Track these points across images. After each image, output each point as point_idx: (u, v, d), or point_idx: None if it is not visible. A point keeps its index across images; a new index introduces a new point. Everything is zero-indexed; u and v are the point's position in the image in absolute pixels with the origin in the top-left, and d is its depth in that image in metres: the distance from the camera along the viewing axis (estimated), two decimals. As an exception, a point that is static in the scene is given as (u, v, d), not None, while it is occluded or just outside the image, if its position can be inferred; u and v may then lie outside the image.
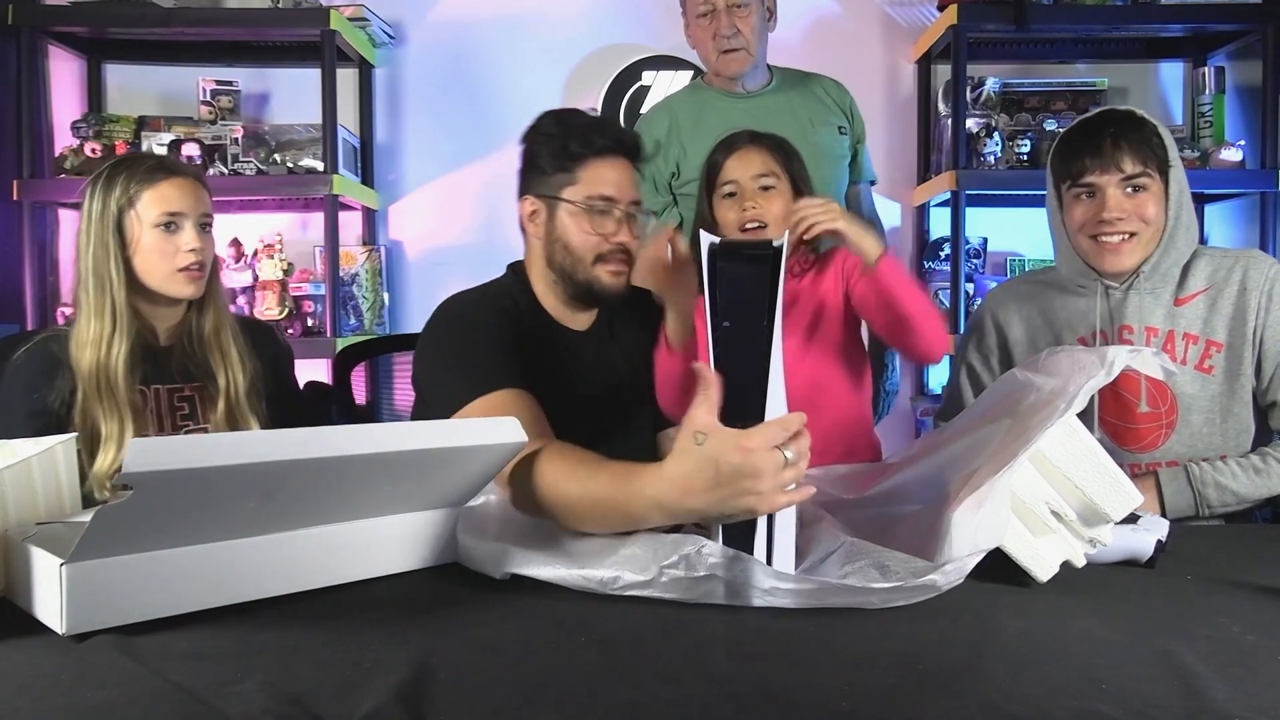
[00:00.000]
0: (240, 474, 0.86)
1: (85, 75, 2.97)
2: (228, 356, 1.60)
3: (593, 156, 1.41)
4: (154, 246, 1.52)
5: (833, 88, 2.24)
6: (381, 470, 0.97)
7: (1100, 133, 1.47)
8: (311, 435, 0.90)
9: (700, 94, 2.22)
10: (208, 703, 0.72)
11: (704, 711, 0.72)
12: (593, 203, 1.40)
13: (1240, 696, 0.73)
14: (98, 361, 1.48)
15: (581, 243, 1.41)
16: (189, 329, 1.60)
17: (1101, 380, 1.05)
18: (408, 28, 3.04)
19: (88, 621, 0.86)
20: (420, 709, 0.71)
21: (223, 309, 1.63)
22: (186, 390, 1.58)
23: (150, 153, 2.22)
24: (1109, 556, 1.09)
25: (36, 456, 1.03)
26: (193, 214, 1.55)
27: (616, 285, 1.43)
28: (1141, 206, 1.46)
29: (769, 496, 0.94)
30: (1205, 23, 2.83)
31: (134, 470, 0.79)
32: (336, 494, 0.97)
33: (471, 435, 1.02)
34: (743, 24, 2.09)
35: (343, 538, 1.01)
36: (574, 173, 1.41)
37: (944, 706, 0.72)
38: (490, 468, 1.08)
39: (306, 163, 2.77)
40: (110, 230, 1.51)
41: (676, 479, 0.96)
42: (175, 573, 0.90)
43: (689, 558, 0.95)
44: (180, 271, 1.53)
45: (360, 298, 2.91)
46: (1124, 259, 1.49)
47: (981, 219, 2.98)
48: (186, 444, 0.84)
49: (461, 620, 0.92)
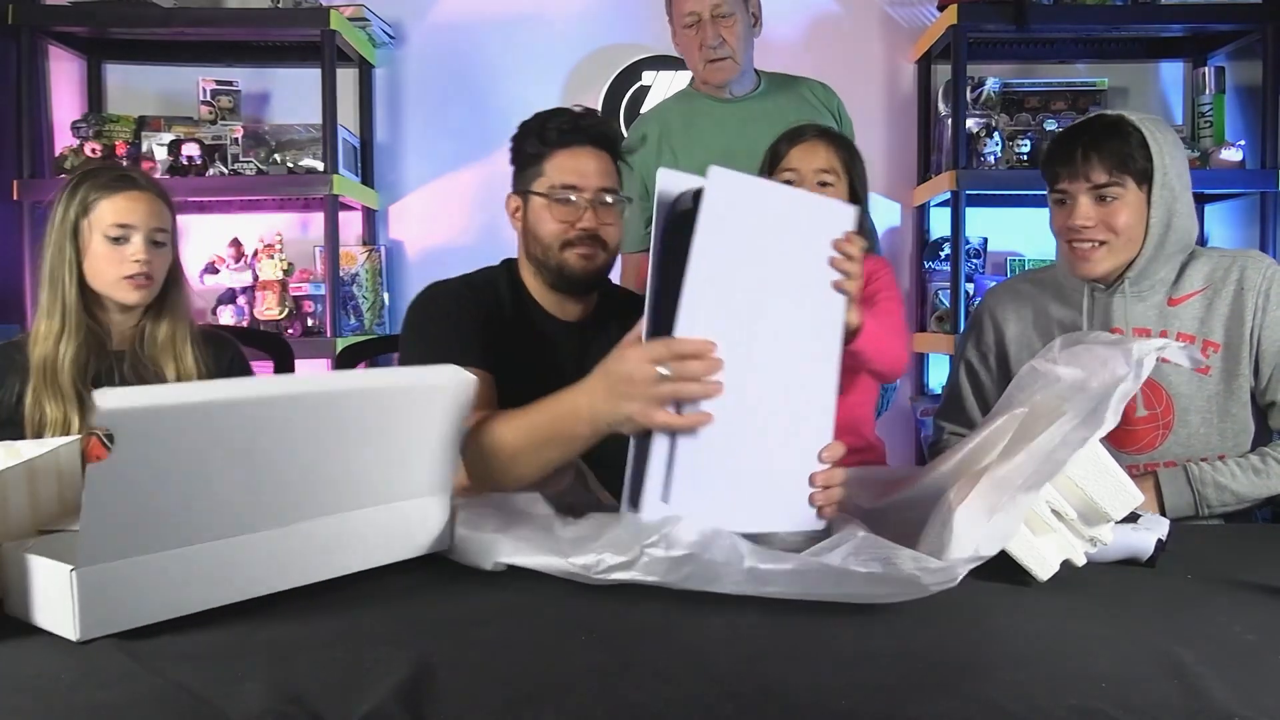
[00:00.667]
0: (209, 419, 0.87)
1: (85, 75, 2.97)
2: (181, 361, 1.64)
3: (557, 148, 1.45)
4: (102, 254, 1.58)
5: (820, 90, 2.25)
6: (341, 416, 0.98)
7: (1075, 141, 1.47)
8: (269, 381, 0.98)
9: (691, 100, 2.24)
10: (208, 703, 0.72)
11: (704, 711, 0.72)
12: (555, 191, 1.45)
13: (1240, 696, 0.73)
14: (45, 355, 1.56)
15: (548, 231, 1.46)
16: (141, 334, 1.64)
17: (1132, 386, 1.04)
18: (408, 28, 3.04)
19: (100, 626, 0.85)
20: (420, 709, 0.71)
21: (180, 318, 1.66)
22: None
23: (118, 165, 2.25)
24: (1109, 555, 1.09)
25: (39, 458, 1.03)
26: (144, 228, 1.59)
27: (585, 268, 1.46)
28: (1111, 215, 1.46)
29: (644, 408, 1.03)
30: (1205, 23, 2.83)
31: (108, 408, 0.80)
32: (310, 454, 0.97)
33: (414, 377, 1.07)
34: (728, 33, 2.11)
35: (340, 528, 1.02)
36: (541, 165, 1.46)
37: (944, 706, 0.72)
38: (446, 414, 1.09)
39: (306, 163, 2.77)
40: (67, 235, 1.57)
41: (590, 385, 1.12)
42: (183, 573, 0.90)
43: (668, 536, 0.96)
44: (125, 279, 1.58)
45: (360, 298, 2.91)
46: (1093, 266, 1.49)
47: (981, 219, 2.98)
48: (154, 389, 0.89)
49: (461, 620, 0.92)
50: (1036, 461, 1.02)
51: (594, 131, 1.48)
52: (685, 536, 0.96)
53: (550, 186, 1.45)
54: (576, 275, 1.47)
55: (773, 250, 1.07)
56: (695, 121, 2.17)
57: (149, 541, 0.88)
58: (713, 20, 2.10)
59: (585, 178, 1.45)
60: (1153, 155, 1.45)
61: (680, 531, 0.97)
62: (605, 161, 1.48)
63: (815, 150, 1.64)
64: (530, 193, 1.48)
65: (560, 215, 1.45)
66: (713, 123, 2.15)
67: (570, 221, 1.45)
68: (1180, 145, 1.50)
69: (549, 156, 1.46)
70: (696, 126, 2.16)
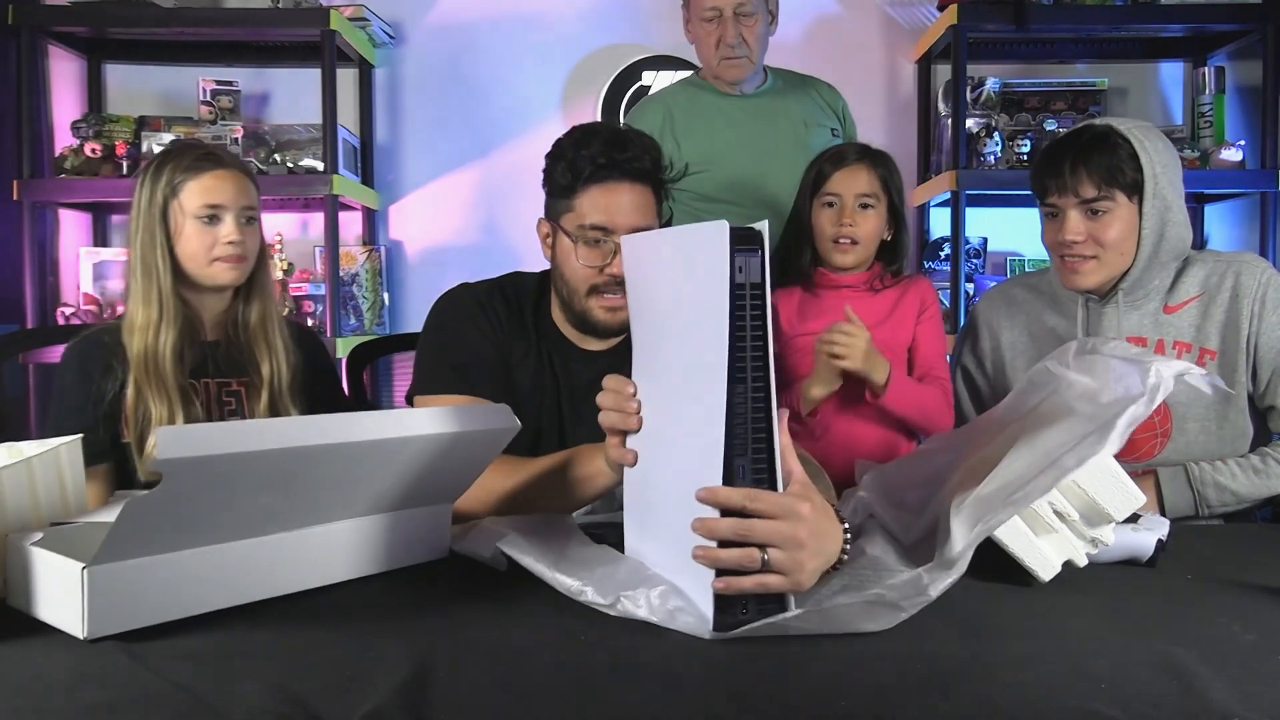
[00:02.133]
0: (266, 461, 0.87)
1: (85, 75, 2.97)
2: (273, 347, 1.60)
3: (591, 183, 1.32)
4: (194, 237, 1.54)
5: (826, 91, 2.24)
6: (391, 456, 0.99)
7: (1063, 155, 1.46)
8: (332, 421, 0.93)
9: (698, 90, 2.21)
10: (208, 703, 0.72)
11: (704, 711, 0.72)
12: (585, 233, 1.33)
13: (1240, 696, 0.73)
14: (146, 347, 1.51)
15: (574, 273, 1.35)
16: (234, 319, 1.61)
17: (1143, 411, 1.01)
18: (408, 28, 3.04)
19: (108, 625, 0.85)
20: (420, 709, 0.71)
21: (270, 300, 1.63)
22: (234, 384, 1.59)
23: (200, 142, 2.19)
24: (1110, 555, 1.09)
25: (38, 457, 1.03)
26: (234, 206, 1.55)
27: (611, 321, 1.36)
28: (1101, 230, 1.45)
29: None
30: (1205, 23, 2.83)
31: (166, 457, 0.79)
32: (346, 483, 0.98)
33: (465, 421, 1.04)
34: (748, 33, 2.08)
35: (353, 533, 1.02)
36: (572, 199, 1.34)
37: (944, 706, 0.72)
38: (484, 455, 1.10)
39: (306, 163, 2.77)
40: (156, 219, 1.53)
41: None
42: (192, 574, 0.90)
43: (636, 596, 0.91)
44: (220, 260, 1.55)
45: (360, 298, 2.91)
46: (1083, 279, 1.49)
47: (981, 219, 2.98)
48: (214, 430, 0.87)
49: (461, 620, 0.92)
50: (1029, 476, 1.01)
51: (637, 166, 1.33)
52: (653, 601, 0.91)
53: (579, 226, 1.33)
54: (600, 327, 1.37)
55: (667, 293, 0.98)
56: (702, 111, 2.16)
57: (161, 544, 0.88)
58: (735, 18, 2.07)
59: (619, 216, 1.31)
60: (1143, 166, 1.43)
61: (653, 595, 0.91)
62: (643, 196, 1.34)
63: (857, 174, 1.69)
64: (559, 227, 1.36)
65: (588, 259, 1.33)
66: (719, 114, 2.14)
67: (599, 266, 1.33)
68: (1172, 151, 1.48)
69: (580, 191, 1.33)
70: (703, 117, 2.15)
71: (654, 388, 1.01)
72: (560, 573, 0.97)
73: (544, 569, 0.98)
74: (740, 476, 0.87)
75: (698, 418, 0.89)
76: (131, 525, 0.84)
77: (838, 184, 1.68)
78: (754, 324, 0.86)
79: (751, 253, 0.85)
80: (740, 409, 0.86)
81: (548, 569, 0.98)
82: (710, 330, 0.87)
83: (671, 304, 0.97)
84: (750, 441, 0.87)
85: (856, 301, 1.66)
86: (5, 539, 0.95)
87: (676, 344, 0.95)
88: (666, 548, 0.96)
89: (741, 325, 0.86)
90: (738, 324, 0.85)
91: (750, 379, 0.86)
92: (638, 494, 1.04)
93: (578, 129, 1.37)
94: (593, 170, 1.31)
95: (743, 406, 0.86)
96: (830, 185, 1.69)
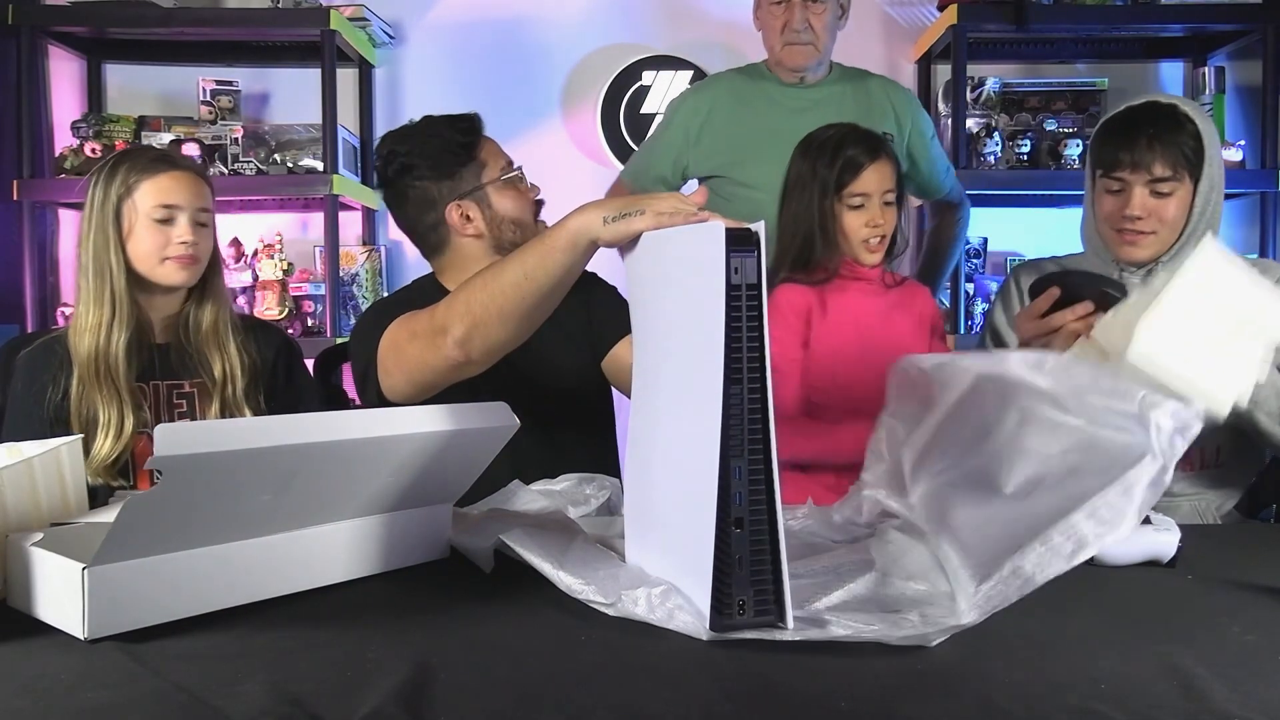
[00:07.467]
0: (265, 458, 0.87)
1: (85, 75, 2.97)
2: (225, 350, 1.60)
3: (479, 138, 1.55)
4: (147, 236, 1.54)
5: (892, 90, 2.22)
6: (389, 453, 0.99)
7: (1139, 130, 1.46)
8: (330, 419, 0.94)
9: (755, 78, 2.20)
10: (208, 703, 0.72)
11: (704, 711, 0.72)
12: (505, 171, 1.55)
13: (1240, 696, 0.73)
14: (96, 348, 1.50)
15: (523, 208, 1.56)
16: (186, 322, 1.61)
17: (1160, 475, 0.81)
18: (408, 28, 3.04)
19: (108, 625, 0.85)
20: (420, 709, 0.71)
21: (222, 304, 1.63)
22: (187, 386, 1.59)
23: (154, 146, 2.21)
24: (1132, 557, 1.08)
25: (39, 457, 1.03)
26: (189, 207, 1.56)
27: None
28: (1163, 208, 1.47)
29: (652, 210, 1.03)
30: (1205, 23, 2.83)
31: (164, 454, 0.79)
32: (345, 480, 0.98)
33: (464, 419, 1.04)
34: (816, 20, 2.08)
35: (346, 535, 1.02)
36: (477, 158, 1.54)
37: (944, 706, 0.72)
38: (485, 453, 1.10)
39: (306, 163, 2.78)
40: (110, 219, 1.53)
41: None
42: (193, 574, 0.90)
43: (635, 596, 0.91)
44: (172, 260, 1.55)
45: (360, 298, 2.91)
46: (1139, 251, 1.50)
47: (981, 219, 2.97)
48: (214, 427, 0.88)
49: (461, 620, 0.92)
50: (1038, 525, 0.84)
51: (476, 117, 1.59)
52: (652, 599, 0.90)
53: (500, 169, 1.54)
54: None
55: (664, 294, 0.99)
56: (750, 100, 2.15)
57: (161, 544, 0.88)
58: (803, 3, 2.07)
59: (505, 153, 1.59)
60: (1205, 148, 1.45)
61: (652, 594, 0.91)
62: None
63: (882, 172, 1.66)
64: (482, 187, 1.53)
65: (522, 191, 1.56)
66: (767, 102, 2.12)
67: (529, 193, 1.58)
68: (1217, 133, 1.50)
69: (479, 145, 1.54)
70: (749, 105, 2.13)
71: (652, 388, 1.01)
72: (564, 571, 0.97)
73: (548, 566, 0.98)
74: (736, 477, 0.86)
75: (694, 418, 0.88)
76: (131, 525, 0.84)
77: (866, 184, 1.65)
78: (750, 325, 0.86)
79: (748, 254, 0.85)
80: (736, 410, 0.86)
81: (551, 566, 0.98)
82: (706, 331, 0.86)
83: (668, 305, 0.97)
84: (746, 443, 0.86)
85: (870, 297, 1.68)
86: (6, 539, 0.95)
87: (673, 345, 0.96)
88: (665, 548, 0.97)
89: (738, 326, 0.85)
90: (734, 325, 0.85)
91: (746, 380, 0.86)
92: (637, 495, 1.04)
93: (400, 130, 1.58)
94: (474, 125, 1.56)
95: (738, 407, 0.86)
96: (857, 186, 1.65)
